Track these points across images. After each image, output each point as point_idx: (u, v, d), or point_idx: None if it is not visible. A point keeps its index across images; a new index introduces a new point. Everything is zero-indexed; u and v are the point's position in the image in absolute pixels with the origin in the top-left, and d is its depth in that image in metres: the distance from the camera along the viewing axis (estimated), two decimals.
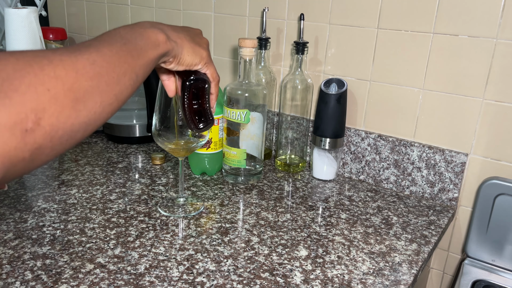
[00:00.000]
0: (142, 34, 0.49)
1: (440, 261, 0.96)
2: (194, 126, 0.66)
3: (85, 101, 0.38)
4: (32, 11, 1.28)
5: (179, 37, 0.57)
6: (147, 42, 0.49)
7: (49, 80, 0.34)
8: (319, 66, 1.02)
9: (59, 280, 0.62)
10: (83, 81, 0.37)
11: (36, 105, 0.33)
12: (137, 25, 0.51)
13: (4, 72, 0.32)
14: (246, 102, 0.90)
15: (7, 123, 0.31)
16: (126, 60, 0.44)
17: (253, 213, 0.83)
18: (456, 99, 0.87)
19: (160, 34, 0.52)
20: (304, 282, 0.64)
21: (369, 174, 0.99)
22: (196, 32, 0.64)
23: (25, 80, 0.33)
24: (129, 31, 0.48)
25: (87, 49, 0.40)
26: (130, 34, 0.48)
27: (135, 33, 0.49)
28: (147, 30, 0.50)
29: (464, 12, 0.82)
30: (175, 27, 0.58)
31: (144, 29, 0.50)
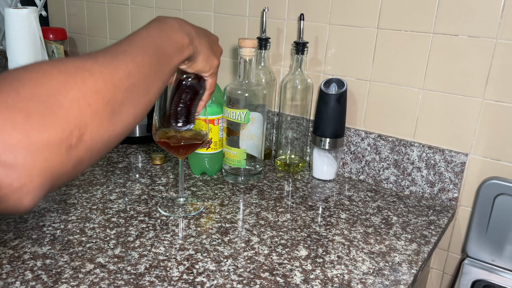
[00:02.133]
0: (171, 37, 0.50)
1: (440, 261, 0.96)
2: (174, 121, 0.67)
3: (121, 113, 0.39)
4: (32, 11, 1.28)
5: (200, 42, 0.57)
6: (175, 48, 0.50)
7: (91, 95, 0.35)
8: (319, 66, 1.02)
9: (59, 280, 0.62)
10: (119, 94, 0.38)
11: (79, 120, 0.34)
12: (167, 24, 0.51)
13: (49, 86, 0.33)
14: (246, 102, 0.90)
15: (54, 140, 0.32)
16: (156, 70, 0.45)
17: (253, 213, 0.83)
18: (456, 99, 0.87)
19: (185, 38, 0.52)
20: (304, 282, 0.64)
21: (369, 174, 0.99)
22: (215, 40, 0.64)
23: (69, 95, 0.33)
24: (159, 33, 0.49)
25: (124, 58, 0.41)
26: (160, 37, 0.48)
27: (164, 37, 0.49)
28: (175, 34, 0.51)
29: (464, 12, 0.82)
30: (199, 31, 0.58)
31: (173, 31, 0.51)
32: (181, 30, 0.53)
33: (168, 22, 0.52)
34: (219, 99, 0.94)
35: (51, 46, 1.40)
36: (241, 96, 0.90)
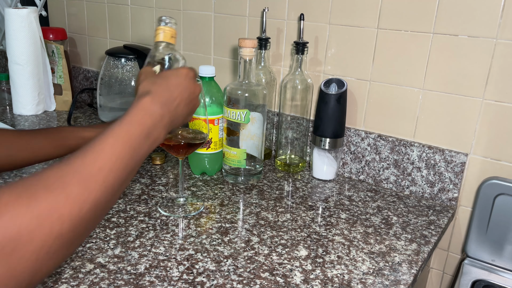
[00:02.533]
0: (152, 134, 0.50)
1: (440, 261, 0.96)
2: None
3: (102, 211, 0.43)
4: (32, 11, 1.28)
5: (176, 119, 0.56)
6: (153, 144, 0.51)
7: (72, 203, 0.38)
8: (319, 66, 1.02)
9: (59, 280, 0.62)
10: (102, 197, 0.42)
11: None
12: (151, 120, 0.51)
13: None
14: (246, 102, 0.90)
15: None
16: (134, 167, 0.47)
17: (253, 213, 0.83)
18: (456, 99, 0.87)
19: (164, 132, 0.53)
20: (304, 282, 0.64)
21: (369, 174, 0.99)
22: (191, 93, 0.60)
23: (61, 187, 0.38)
24: (142, 131, 0.49)
25: (108, 158, 0.44)
26: (142, 137, 0.49)
27: (147, 137, 0.50)
28: (157, 131, 0.51)
29: (464, 12, 0.82)
30: (182, 106, 0.56)
31: (155, 129, 0.51)
32: (161, 124, 0.52)
33: (151, 110, 0.52)
34: (219, 99, 0.94)
35: (51, 46, 1.40)
36: (241, 96, 0.90)
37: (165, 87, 0.55)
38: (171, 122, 0.54)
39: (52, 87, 1.39)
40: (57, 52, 1.39)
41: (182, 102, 0.56)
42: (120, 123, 0.48)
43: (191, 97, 0.58)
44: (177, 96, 0.55)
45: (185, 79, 0.57)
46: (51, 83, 1.38)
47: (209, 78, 0.93)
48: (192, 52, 1.24)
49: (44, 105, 1.38)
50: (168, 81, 0.55)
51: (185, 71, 0.58)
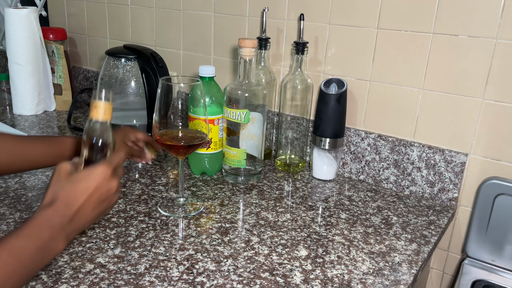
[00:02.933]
0: (49, 246, 0.51)
1: (440, 261, 0.96)
2: None
3: None
4: (32, 11, 1.28)
5: (81, 228, 0.56)
6: (51, 255, 0.52)
7: None
8: (319, 66, 1.02)
9: (59, 280, 0.62)
10: None
11: None
12: (53, 243, 0.51)
13: None
14: (246, 102, 0.90)
15: None
16: (29, 277, 0.50)
17: (253, 213, 0.83)
18: (456, 99, 0.87)
19: (65, 243, 0.53)
20: (304, 282, 0.64)
21: (369, 174, 0.99)
22: (105, 203, 0.58)
23: None
24: (38, 246, 0.50)
25: (1, 274, 0.45)
26: (38, 251, 0.50)
27: (44, 250, 0.51)
28: (56, 243, 0.52)
29: (464, 12, 0.82)
30: (88, 211, 0.55)
31: (53, 241, 0.51)
32: (60, 244, 0.52)
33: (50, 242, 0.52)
34: (219, 99, 0.94)
35: (51, 46, 1.40)
36: (241, 96, 0.90)
37: (71, 194, 0.54)
38: (73, 230, 0.54)
39: (52, 87, 1.39)
40: (57, 52, 1.39)
41: (89, 206, 0.55)
42: (17, 236, 0.49)
43: (103, 198, 0.56)
44: (83, 203, 0.54)
45: (96, 181, 0.55)
46: (51, 83, 1.38)
47: (209, 78, 0.93)
48: (192, 52, 1.24)
49: (44, 105, 1.38)
50: (76, 186, 0.54)
51: (100, 170, 0.56)
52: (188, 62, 1.26)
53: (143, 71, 1.12)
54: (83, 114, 1.39)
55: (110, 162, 0.58)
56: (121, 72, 1.20)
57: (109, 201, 0.58)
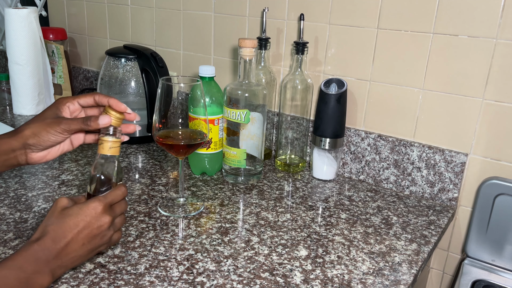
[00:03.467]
0: (32, 280, 0.51)
1: (440, 261, 0.96)
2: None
3: None
4: (32, 11, 1.28)
5: (70, 264, 0.56)
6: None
7: None
8: (319, 66, 1.02)
9: (59, 280, 0.62)
10: None
11: None
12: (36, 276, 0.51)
13: None
14: (246, 102, 0.90)
15: None
16: None
17: (253, 213, 0.83)
18: (456, 99, 0.87)
19: (50, 277, 0.53)
20: (304, 282, 0.64)
21: (369, 174, 0.99)
22: (95, 240, 0.57)
23: None
24: (21, 278, 0.50)
25: None
26: (21, 284, 0.50)
27: (26, 284, 0.50)
28: (40, 277, 0.52)
29: (464, 12, 0.82)
30: (76, 247, 0.55)
31: (37, 275, 0.51)
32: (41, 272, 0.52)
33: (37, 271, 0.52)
34: (219, 99, 0.94)
35: (51, 46, 1.40)
36: (241, 96, 0.90)
37: (59, 229, 0.54)
38: (60, 266, 0.54)
39: (52, 87, 1.39)
40: (57, 52, 1.39)
41: (78, 242, 0.55)
42: (1, 266, 0.49)
43: (93, 234, 0.56)
44: (71, 238, 0.54)
45: (85, 217, 0.55)
46: (51, 83, 1.38)
47: (209, 78, 0.93)
48: (192, 52, 1.24)
49: (44, 105, 1.38)
50: (65, 221, 0.54)
51: (91, 206, 0.56)
52: (188, 62, 1.26)
53: (143, 71, 1.12)
54: None
55: (104, 197, 0.58)
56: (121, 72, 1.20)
57: (101, 237, 0.57)
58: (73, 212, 0.55)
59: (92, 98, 0.64)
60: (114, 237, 0.60)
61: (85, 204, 0.56)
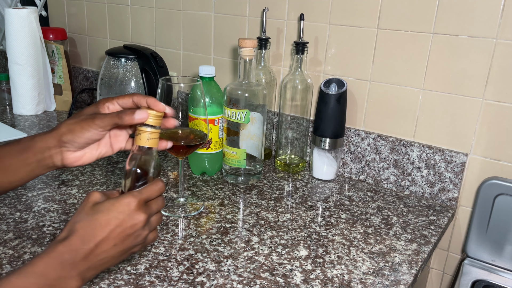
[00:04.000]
0: (57, 286, 0.46)
1: (440, 261, 0.96)
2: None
3: None
4: (32, 11, 1.28)
5: (100, 267, 0.50)
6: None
7: None
8: (319, 66, 1.02)
9: None
10: None
11: None
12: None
13: None
14: (246, 102, 0.90)
15: None
16: None
17: (253, 213, 0.83)
18: (456, 99, 0.87)
19: (78, 282, 0.48)
20: (304, 282, 0.64)
21: (369, 174, 0.99)
22: (129, 240, 0.51)
23: None
24: (43, 285, 0.45)
25: None
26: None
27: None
28: (66, 282, 0.47)
29: (464, 12, 0.82)
30: (107, 247, 0.49)
31: (62, 280, 0.47)
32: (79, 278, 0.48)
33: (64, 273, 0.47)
34: (219, 99, 0.94)
35: (51, 46, 1.40)
36: (241, 96, 0.90)
37: (89, 227, 0.48)
38: (90, 268, 0.48)
39: (52, 87, 1.39)
40: (57, 52, 1.39)
41: (110, 243, 0.49)
42: (19, 274, 0.44)
43: (126, 233, 0.50)
44: (102, 238, 0.48)
45: (118, 214, 0.49)
46: (51, 83, 1.38)
47: (209, 78, 0.93)
48: (192, 52, 1.24)
49: (44, 105, 1.38)
50: (95, 219, 0.49)
51: (125, 202, 0.50)
52: (188, 62, 1.26)
53: (143, 71, 1.12)
54: None
55: (139, 192, 0.52)
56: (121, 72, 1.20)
57: (135, 237, 0.51)
58: (104, 208, 0.49)
59: (131, 99, 0.60)
60: (150, 237, 0.54)
61: (118, 200, 0.50)
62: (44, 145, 0.57)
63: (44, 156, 0.57)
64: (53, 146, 0.58)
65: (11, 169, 0.57)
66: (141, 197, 0.51)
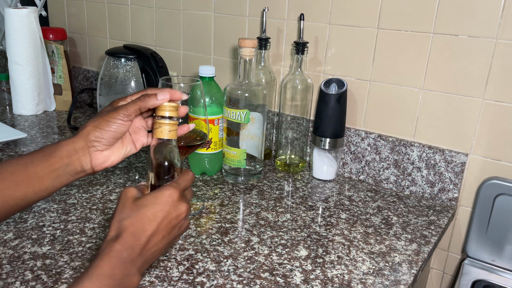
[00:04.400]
0: (124, 283, 0.46)
1: (440, 261, 0.96)
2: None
3: None
4: (32, 11, 1.28)
5: (152, 259, 0.51)
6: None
7: None
8: (319, 66, 1.02)
9: (59, 280, 0.62)
10: None
11: None
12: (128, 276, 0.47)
13: None
14: (246, 102, 0.90)
15: None
16: None
17: (253, 213, 0.83)
18: (456, 99, 0.87)
19: (138, 275, 0.48)
20: (304, 282, 0.64)
21: (369, 174, 0.99)
22: (175, 230, 0.52)
23: None
24: (112, 286, 0.45)
25: None
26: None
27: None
28: (130, 279, 0.47)
29: (464, 12, 0.82)
30: (157, 240, 0.50)
31: (126, 278, 0.47)
32: (138, 273, 0.48)
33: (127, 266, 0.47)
34: (219, 99, 0.94)
35: (51, 46, 1.40)
36: (241, 96, 0.90)
37: (138, 223, 0.48)
38: (144, 262, 0.49)
39: (52, 87, 1.39)
40: (57, 52, 1.39)
41: (159, 235, 0.50)
42: (90, 278, 0.44)
43: (172, 224, 0.51)
44: (152, 232, 0.49)
45: (163, 206, 0.50)
46: (51, 83, 1.38)
47: (209, 78, 0.93)
48: (192, 52, 1.24)
49: (44, 105, 1.38)
50: (142, 213, 0.49)
51: (167, 194, 0.50)
52: (188, 62, 1.26)
53: (143, 71, 1.12)
54: (83, 114, 1.39)
55: (177, 183, 0.52)
56: (121, 72, 1.20)
57: (179, 228, 0.52)
58: (148, 202, 0.49)
59: (141, 95, 0.59)
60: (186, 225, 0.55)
61: (160, 193, 0.50)
62: (71, 148, 0.55)
63: (72, 160, 0.55)
64: (80, 148, 0.56)
65: (35, 177, 0.54)
66: (180, 188, 0.52)
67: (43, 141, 1.13)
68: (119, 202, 0.51)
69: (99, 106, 1.27)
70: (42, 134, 1.19)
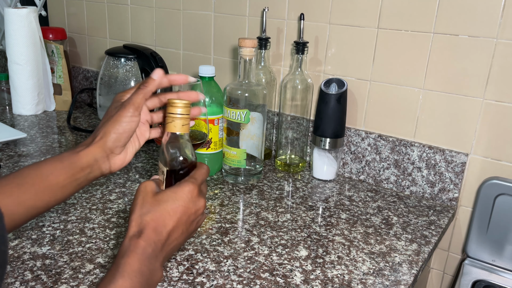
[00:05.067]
0: (151, 279, 0.47)
1: (440, 261, 0.96)
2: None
3: None
4: (32, 11, 1.28)
5: (172, 253, 0.52)
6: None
7: None
8: (319, 66, 1.02)
9: (59, 280, 0.62)
10: None
11: None
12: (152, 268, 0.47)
13: None
14: (246, 102, 0.90)
15: None
16: None
17: (253, 213, 0.83)
18: (456, 99, 0.87)
19: (162, 269, 0.49)
20: (304, 282, 0.64)
21: (369, 174, 0.99)
22: (193, 225, 0.53)
23: None
24: (142, 283, 0.46)
25: None
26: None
27: (147, 285, 0.47)
28: (156, 273, 0.48)
29: (464, 12, 0.82)
30: (177, 235, 0.50)
31: (153, 273, 0.47)
32: (162, 265, 0.49)
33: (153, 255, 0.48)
34: (219, 99, 0.94)
35: (50, 46, 1.39)
36: (241, 96, 0.90)
37: (159, 218, 0.49)
38: (165, 257, 0.50)
39: (51, 87, 1.39)
40: (57, 52, 1.39)
41: (179, 230, 0.50)
42: (123, 276, 0.44)
43: (191, 219, 0.51)
44: (172, 227, 0.49)
45: (183, 201, 0.50)
46: (50, 83, 1.38)
47: (209, 78, 0.93)
48: (192, 52, 1.24)
49: (44, 105, 1.38)
50: (163, 209, 0.49)
51: (186, 189, 0.51)
52: (188, 62, 1.26)
53: (143, 71, 1.12)
54: (82, 114, 1.39)
55: (195, 179, 0.52)
56: (121, 72, 1.19)
57: (197, 223, 0.53)
58: (169, 198, 0.50)
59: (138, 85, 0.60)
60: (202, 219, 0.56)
61: (179, 188, 0.51)
62: (91, 159, 0.56)
63: (93, 169, 0.57)
64: (100, 157, 0.57)
65: (57, 187, 0.55)
66: (198, 183, 0.52)
67: (43, 141, 1.13)
68: (138, 196, 0.51)
69: (99, 106, 1.27)
70: (42, 134, 1.19)
